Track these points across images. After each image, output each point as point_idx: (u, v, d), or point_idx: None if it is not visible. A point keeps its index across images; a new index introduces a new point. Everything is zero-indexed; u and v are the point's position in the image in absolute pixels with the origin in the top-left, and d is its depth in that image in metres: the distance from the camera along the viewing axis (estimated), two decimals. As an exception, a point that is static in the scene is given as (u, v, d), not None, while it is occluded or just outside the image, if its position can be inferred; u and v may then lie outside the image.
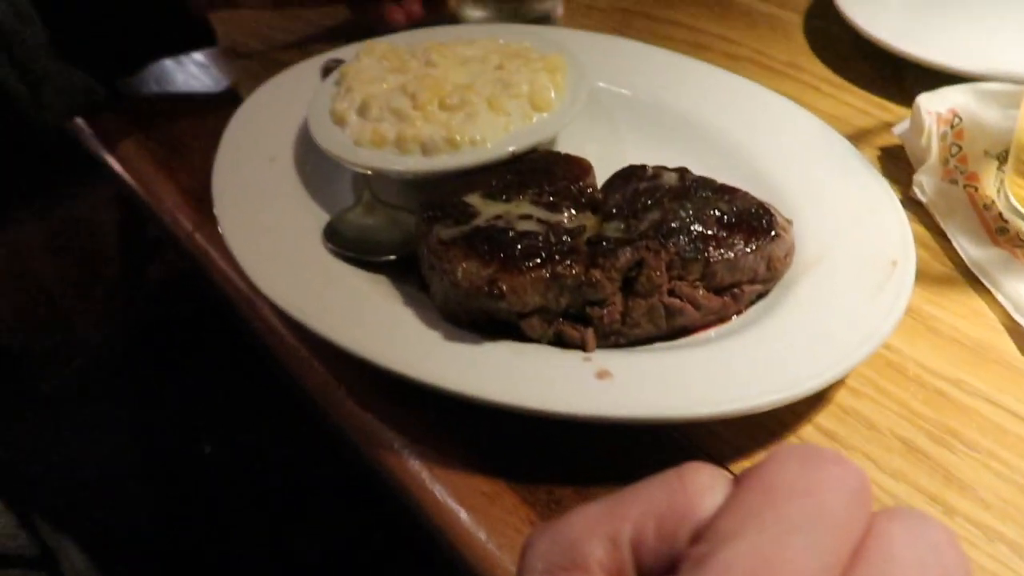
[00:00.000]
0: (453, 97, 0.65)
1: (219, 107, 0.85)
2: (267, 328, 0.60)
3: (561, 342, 0.51)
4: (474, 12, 0.90)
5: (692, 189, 0.55)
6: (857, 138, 0.71)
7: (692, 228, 0.52)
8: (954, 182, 0.62)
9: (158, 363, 0.98)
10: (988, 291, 0.56)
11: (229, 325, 0.69)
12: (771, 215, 0.53)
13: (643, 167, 0.57)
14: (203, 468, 0.94)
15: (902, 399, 0.50)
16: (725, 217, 0.53)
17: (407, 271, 0.59)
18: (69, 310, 1.08)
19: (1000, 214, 0.60)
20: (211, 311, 0.74)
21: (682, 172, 0.56)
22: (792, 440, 0.48)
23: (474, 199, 0.56)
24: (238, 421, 0.93)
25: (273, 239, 0.60)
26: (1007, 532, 0.44)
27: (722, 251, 0.51)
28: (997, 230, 0.59)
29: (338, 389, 0.55)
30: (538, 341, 0.51)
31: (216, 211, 0.63)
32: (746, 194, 0.55)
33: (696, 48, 0.86)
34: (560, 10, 0.91)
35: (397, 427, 0.51)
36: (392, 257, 0.59)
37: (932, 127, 0.63)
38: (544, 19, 0.91)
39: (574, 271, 0.49)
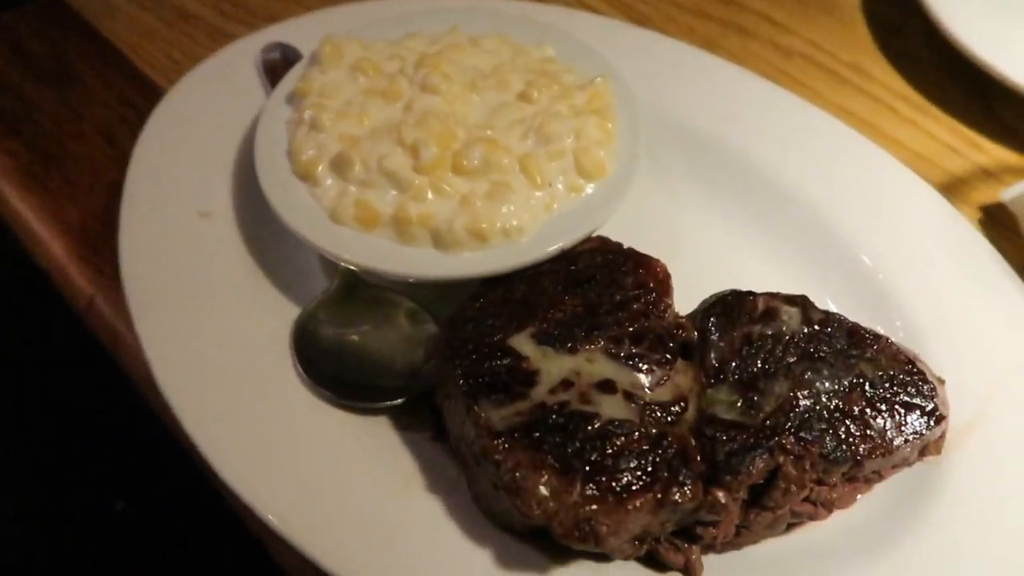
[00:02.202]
0: (471, 155, 0.46)
1: (113, 86, 0.62)
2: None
3: (653, 560, 0.38)
4: None
5: (821, 338, 0.41)
6: (949, 191, 0.58)
7: (836, 413, 0.38)
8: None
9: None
10: None
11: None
12: (929, 384, 0.40)
13: (751, 298, 0.42)
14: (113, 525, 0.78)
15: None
16: (875, 392, 0.39)
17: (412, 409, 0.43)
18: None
19: None
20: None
21: (804, 307, 0.42)
22: None
23: (526, 345, 0.40)
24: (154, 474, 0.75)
25: (218, 357, 0.42)
26: None
27: (876, 448, 0.38)
28: None
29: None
30: (624, 559, 0.38)
31: (131, 308, 0.45)
32: (890, 345, 0.41)
33: (737, 32, 0.69)
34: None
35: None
36: (398, 402, 0.43)
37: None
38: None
39: (691, 492, 0.35)
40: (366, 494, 0.39)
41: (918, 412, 0.39)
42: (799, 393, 0.39)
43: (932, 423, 0.39)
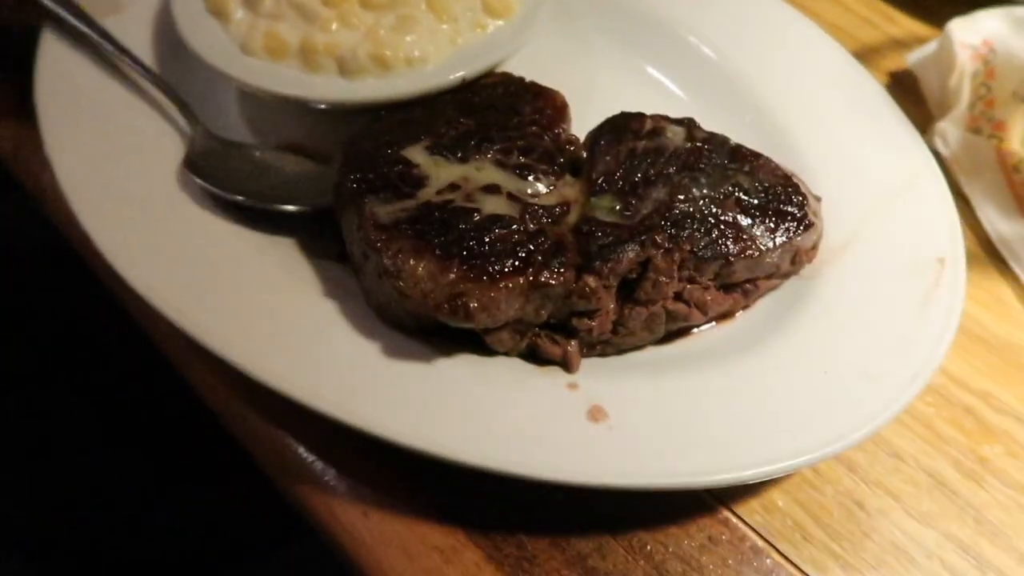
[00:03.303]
0: (380, -9, 0.47)
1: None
2: (132, 304, 0.45)
3: (535, 356, 0.40)
4: None
5: (704, 154, 0.43)
6: (863, 58, 0.59)
7: (709, 217, 0.40)
8: (978, 131, 0.53)
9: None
10: (1016, 275, 0.49)
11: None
12: (802, 196, 0.42)
13: (639, 117, 0.44)
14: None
15: (927, 418, 0.43)
16: (749, 200, 0.41)
17: (316, 227, 0.44)
18: None
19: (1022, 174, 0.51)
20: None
21: (689, 127, 0.44)
22: (818, 480, 0.41)
23: (418, 155, 0.42)
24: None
25: (129, 191, 0.43)
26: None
27: (746, 248, 0.40)
28: (1020, 195, 0.51)
29: (239, 400, 0.42)
30: (506, 355, 0.40)
31: (45, 141, 0.46)
32: (769, 162, 0.43)
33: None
34: None
35: (322, 456, 0.40)
36: (305, 208, 0.44)
37: (965, 65, 0.52)
38: None
39: (562, 278, 0.37)
40: (267, 296, 0.40)
41: (789, 219, 0.41)
42: (676, 198, 0.41)
43: (801, 229, 0.41)
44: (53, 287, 0.72)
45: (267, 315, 0.39)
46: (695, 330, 0.43)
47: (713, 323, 0.43)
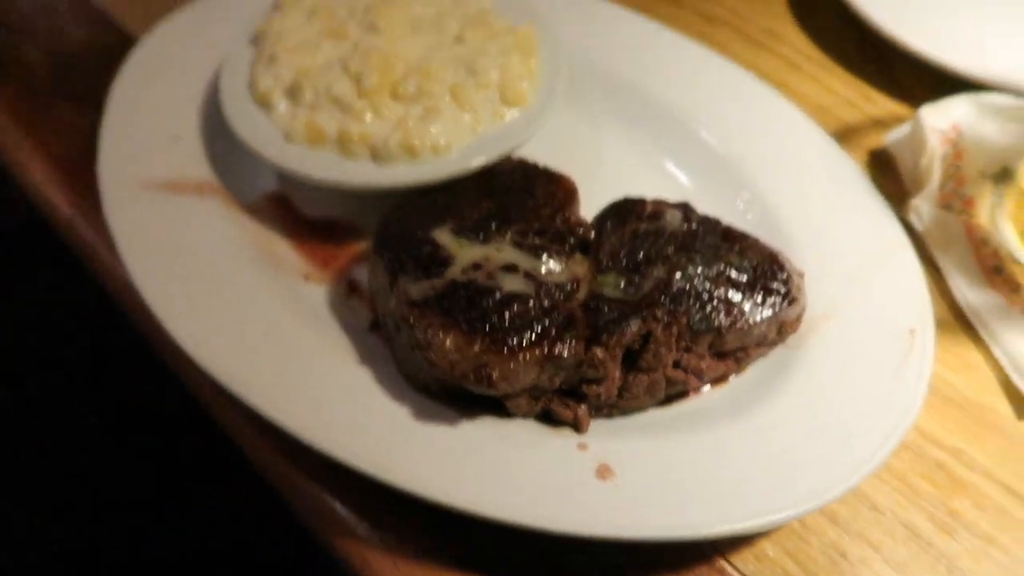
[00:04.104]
0: (408, 84, 0.53)
1: (95, 46, 0.69)
2: (184, 370, 0.50)
3: (549, 418, 0.45)
4: None
5: (698, 235, 0.48)
6: (844, 137, 0.66)
7: (703, 293, 0.45)
8: (950, 207, 0.58)
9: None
10: (984, 341, 0.53)
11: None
12: (786, 273, 0.47)
13: (641, 202, 0.49)
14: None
15: (901, 472, 0.48)
16: (738, 277, 0.46)
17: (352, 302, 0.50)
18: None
19: (996, 251, 0.56)
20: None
21: (685, 211, 0.49)
22: (804, 531, 0.45)
23: (445, 236, 0.47)
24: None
25: (183, 261, 0.49)
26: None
27: (736, 321, 0.45)
28: (993, 269, 0.56)
29: (283, 459, 0.46)
30: (523, 417, 0.45)
31: (108, 218, 0.51)
32: (756, 243, 0.48)
33: (669, 3, 0.76)
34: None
35: (356, 510, 0.44)
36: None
37: (935, 147, 0.58)
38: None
39: (574, 350, 0.42)
40: (305, 359, 0.45)
41: (775, 294, 0.46)
42: (673, 276, 0.45)
43: (785, 304, 0.46)
44: (104, 350, 0.78)
45: (310, 381, 0.44)
46: (693, 394, 0.47)
47: (709, 387, 0.48)
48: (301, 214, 0.55)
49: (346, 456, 0.41)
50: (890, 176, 0.63)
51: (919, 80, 0.68)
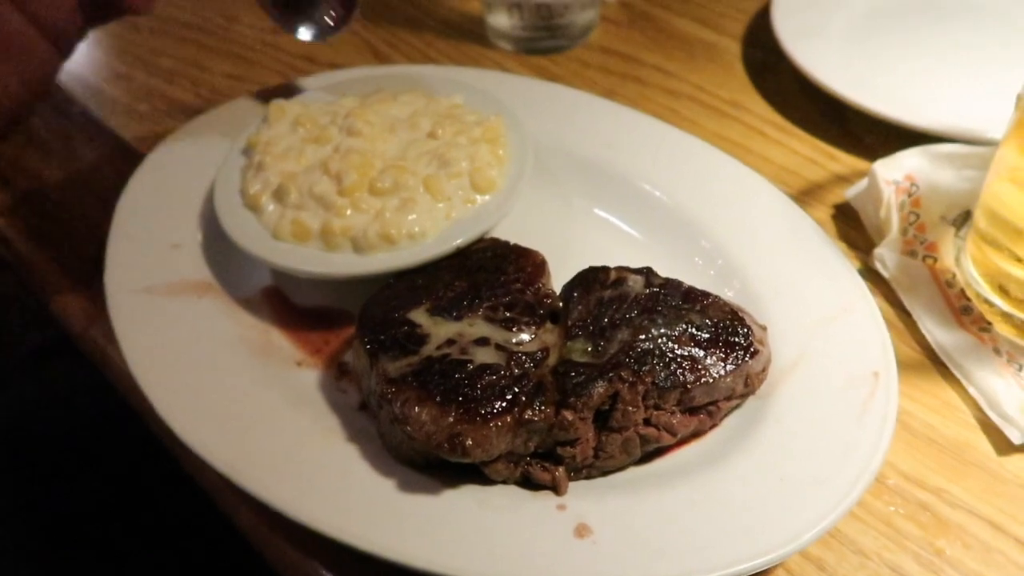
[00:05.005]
0: (384, 179, 0.57)
1: (105, 164, 0.75)
2: (185, 459, 0.52)
3: (529, 482, 0.46)
4: (499, 20, 0.82)
5: (660, 297, 0.50)
6: (808, 194, 0.69)
7: (667, 352, 0.47)
8: (914, 254, 0.60)
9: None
10: (959, 380, 0.54)
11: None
12: (747, 328, 0.49)
13: (605, 270, 0.52)
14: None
15: (886, 516, 0.48)
16: (700, 334, 0.48)
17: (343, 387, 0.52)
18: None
19: (963, 291, 0.58)
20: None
21: (647, 275, 0.52)
22: (780, 572, 0.45)
23: (421, 316, 0.50)
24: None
25: (184, 359, 0.52)
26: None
27: (700, 376, 0.47)
28: (961, 309, 0.57)
29: (282, 541, 0.48)
30: (504, 483, 0.46)
31: (113, 321, 0.55)
32: (717, 300, 0.51)
33: (634, 81, 0.81)
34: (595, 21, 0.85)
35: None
36: None
37: (891, 198, 0.61)
38: (584, 32, 0.85)
39: (543, 414, 0.44)
40: (295, 440, 0.48)
41: (737, 348, 0.48)
42: (638, 338, 0.48)
43: (748, 357, 0.48)
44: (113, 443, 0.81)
45: (299, 460, 0.46)
46: (670, 451, 0.49)
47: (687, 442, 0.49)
48: (294, 305, 0.59)
49: (331, 530, 0.43)
50: (855, 227, 0.65)
51: (877, 137, 0.71)
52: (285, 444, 0.47)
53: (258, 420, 0.49)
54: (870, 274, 0.60)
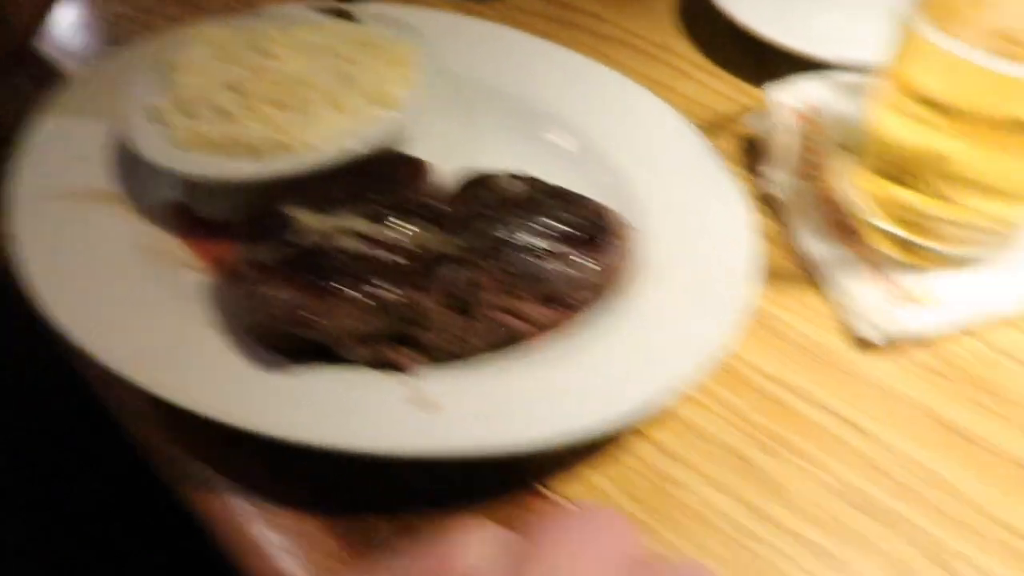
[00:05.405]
0: (288, 95, 0.60)
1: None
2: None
3: (385, 367, 0.48)
4: None
5: (536, 198, 0.52)
6: (717, 125, 0.70)
7: (529, 244, 0.49)
8: (808, 177, 0.61)
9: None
10: (825, 287, 0.56)
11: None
12: (606, 222, 0.51)
13: (492, 176, 0.54)
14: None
15: (740, 409, 0.50)
16: (565, 228, 0.50)
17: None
18: None
19: (848, 212, 0.59)
20: None
21: (532, 182, 0.53)
22: (628, 458, 0.47)
23: (299, 213, 0.52)
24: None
25: (79, 262, 0.54)
26: (815, 538, 0.44)
27: (554, 264, 0.48)
28: (836, 222, 0.58)
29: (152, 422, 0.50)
30: (360, 364, 0.48)
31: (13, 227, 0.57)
32: (588, 202, 0.52)
33: (563, 25, 0.83)
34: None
35: (208, 462, 0.48)
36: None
37: (791, 124, 0.62)
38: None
39: (393, 294, 0.46)
40: (168, 328, 0.49)
41: (600, 242, 0.50)
42: (503, 231, 0.50)
43: (610, 250, 0.50)
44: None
45: (165, 342, 0.48)
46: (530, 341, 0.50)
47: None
48: (198, 218, 0.61)
49: (186, 402, 0.45)
50: (758, 155, 0.66)
51: (793, 73, 0.72)
52: (151, 328, 0.49)
53: (143, 315, 0.51)
54: (764, 197, 0.62)
